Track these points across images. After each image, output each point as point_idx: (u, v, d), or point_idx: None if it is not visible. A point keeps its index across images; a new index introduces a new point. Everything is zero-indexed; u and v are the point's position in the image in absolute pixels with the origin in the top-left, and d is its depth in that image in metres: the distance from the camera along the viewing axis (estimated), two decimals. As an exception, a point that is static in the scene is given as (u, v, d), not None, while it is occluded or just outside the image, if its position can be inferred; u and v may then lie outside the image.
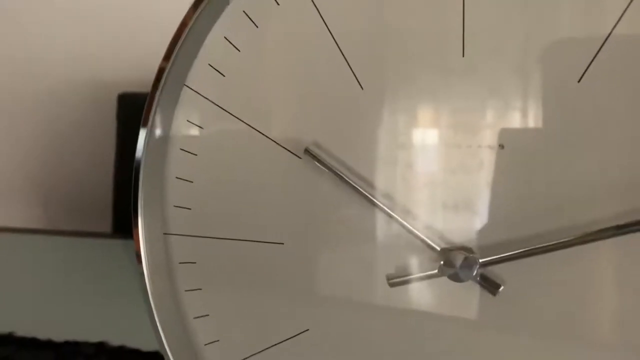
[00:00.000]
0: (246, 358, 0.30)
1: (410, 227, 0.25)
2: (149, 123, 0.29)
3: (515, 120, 0.24)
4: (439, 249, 0.25)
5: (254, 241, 0.29)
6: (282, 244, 0.28)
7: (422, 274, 0.25)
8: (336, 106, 0.26)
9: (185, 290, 0.31)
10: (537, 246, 0.23)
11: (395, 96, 0.25)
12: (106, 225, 0.68)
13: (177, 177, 0.30)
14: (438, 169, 0.25)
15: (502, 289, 0.24)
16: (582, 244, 0.22)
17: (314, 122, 0.27)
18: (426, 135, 0.25)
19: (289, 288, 0.29)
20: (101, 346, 0.53)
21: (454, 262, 0.24)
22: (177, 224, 0.31)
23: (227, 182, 0.29)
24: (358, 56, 0.26)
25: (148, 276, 0.30)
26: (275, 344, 0.30)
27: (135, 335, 0.48)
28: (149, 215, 0.31)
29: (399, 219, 0.25)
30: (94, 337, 0.51)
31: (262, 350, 0.30)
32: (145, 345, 0.47)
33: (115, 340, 0.51)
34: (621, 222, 0.22)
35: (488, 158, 0.24)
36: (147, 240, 0.31)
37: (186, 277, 0.31)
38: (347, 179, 0.26)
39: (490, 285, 0.24)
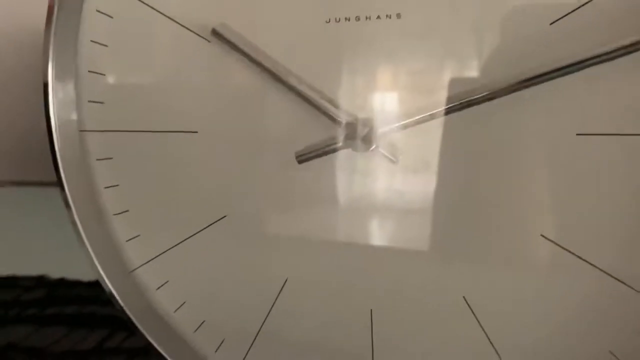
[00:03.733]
0: (168, 249, 0.31)
1: (319, 102, 0.26)
2: (54, 17, 0.28)
3: None
4: (343, 122, 0.26)
5: (168, 131, 0.29)
6: (196, 132, 0.29)
7: (327, 147, 0.26)
8: (242, -15, 0.26)
9: (105, 188, 0.31)
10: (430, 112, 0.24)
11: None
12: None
13: (89, 71, 0.30)
14: (343, 46, 0.25)
15: (402, 157, 0.25)
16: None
17: (221, 4, 0.27)
18: (333, 13, 0.25)
19: (205, 176, 0.29)
20: (41, 279, 0.52)
21: (356, 133, 0.25)
22: (91, 120, 0.31)
23: (138, 72, 0.29)
24: None
25: (65, 175, 0.30)
26: (196, 233, 0.30)
27: (74, 267, 0.48)
28: (63, 114, 0.30)
29: (308, 94, 0.26)
30: (34, 271, 0.51)
31: (184, 240, 0.30)
32: (86, 275, 0.47)
33: (55, 273, 0.51)
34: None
35: (384, 32, 0.25)
36: (63, 139, 0.30)
37: (104, 174, 0.31)
38: (256, 59, 0.26)
39: (390, 153, 0.25)
